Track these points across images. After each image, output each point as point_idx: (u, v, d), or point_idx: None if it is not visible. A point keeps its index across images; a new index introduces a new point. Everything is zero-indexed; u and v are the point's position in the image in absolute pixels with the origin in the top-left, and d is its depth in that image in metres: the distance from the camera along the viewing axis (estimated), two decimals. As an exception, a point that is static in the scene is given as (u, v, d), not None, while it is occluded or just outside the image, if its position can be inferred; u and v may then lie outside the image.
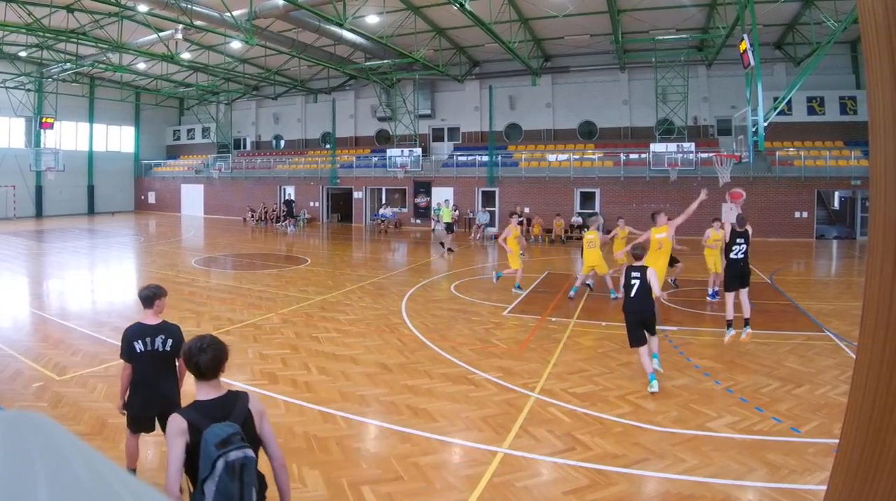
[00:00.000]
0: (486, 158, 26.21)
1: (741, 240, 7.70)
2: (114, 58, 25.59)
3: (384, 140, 31.09)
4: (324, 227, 28.29)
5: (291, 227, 25.77)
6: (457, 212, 24.33)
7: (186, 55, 25.55)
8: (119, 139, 36.68)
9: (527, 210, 22.71)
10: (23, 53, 25.99)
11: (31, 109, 29.50)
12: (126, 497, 0.44)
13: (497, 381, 6.32)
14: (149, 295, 4.06)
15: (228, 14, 18.23)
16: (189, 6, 18.07)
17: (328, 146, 31.45)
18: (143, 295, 4.08)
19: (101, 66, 26.49)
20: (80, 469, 0.45)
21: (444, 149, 30.00)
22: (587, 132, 27.26)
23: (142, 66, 28.20)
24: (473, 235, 22.87)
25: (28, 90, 28.89)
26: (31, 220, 29.53)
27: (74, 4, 19.23)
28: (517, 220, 11.86)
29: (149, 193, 36.86)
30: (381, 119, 30.69)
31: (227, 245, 20.57)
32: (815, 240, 21.24)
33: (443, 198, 25.73)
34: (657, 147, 22.82)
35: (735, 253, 7.71)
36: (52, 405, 5.50)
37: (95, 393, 5.80)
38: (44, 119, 28.14)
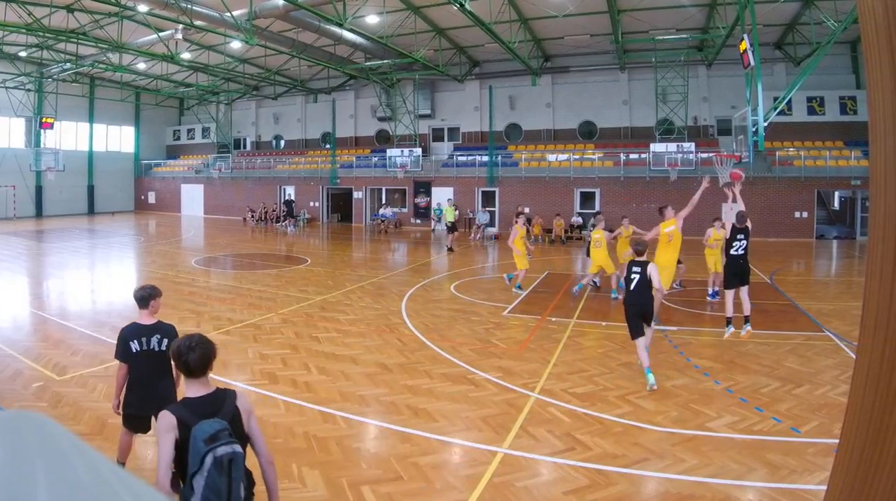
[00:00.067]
0: (486, 158, 26.20)
1: (741, 236, 7.89)
2: (114, 58, 25.59)
3: (384, 140, 31.09)
4: (324, 227, 28.27)
5: (291, 227, 25.77)
6: (457, 212, 24.31)
7: (186, 55, 25.55)
8: (119, 139, 36.67)
9: (527, 210, 22.65)
10: (23, 53, 25.99)
11: (31, 109, 29.50)
12: (126, 496, 0.44)
13: (497, 381, 6.32)
14: (144, 296, 4.09)
15: (228, 14, 18.24)
16: (189, 6, 18.07)
17: (328, 146, 31.44)
18: (139, 296, 4.11)
19: (101, 66, 26.49)
20: (80, 468, 0.45)
21: (444, 149, 29.99)
22: (587, 132, 27.24)
23: (142, 66, 28.20)
24: (473, 235, 22.88)
25: (28, 90, 28.89)
26: (31, 220, 29.52)
27: (74, 4, 19.23)
28: (523, 221, 11.91)
29: (149, 193, 36.85)
30: (381, 119, 30.69)
31: (227, 245, 20.56)
32: (815, 240, 21.23)
33: (444, 198, 25.68)
34: (657, 147, 22.81)
35: (735, 250, 7.88)
36: (52, 405, 5.50)
37: (95, 393, 5.80)
38: (44, 119, 28.15)
